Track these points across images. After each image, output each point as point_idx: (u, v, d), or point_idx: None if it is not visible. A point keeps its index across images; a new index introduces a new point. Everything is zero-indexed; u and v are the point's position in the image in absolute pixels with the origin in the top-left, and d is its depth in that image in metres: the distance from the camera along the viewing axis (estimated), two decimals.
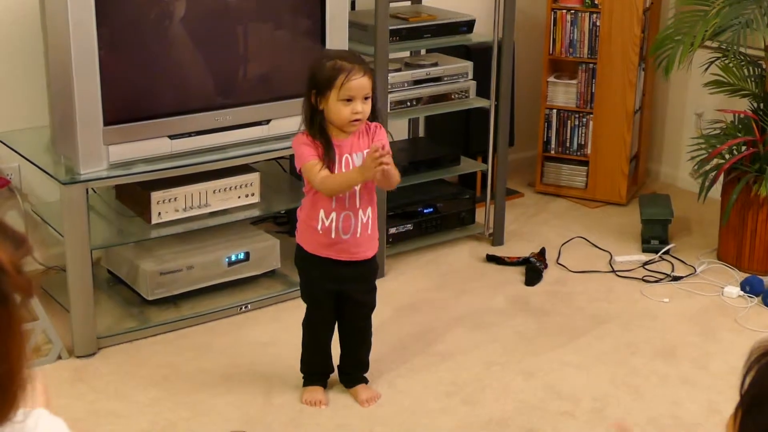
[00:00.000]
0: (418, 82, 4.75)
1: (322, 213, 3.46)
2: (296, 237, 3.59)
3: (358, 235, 3.50)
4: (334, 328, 3.71)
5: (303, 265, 3.61)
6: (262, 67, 4.32)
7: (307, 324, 3.70)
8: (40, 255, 4.56)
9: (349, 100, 3.35)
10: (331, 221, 3.46)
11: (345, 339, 3.73)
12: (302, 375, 3.76)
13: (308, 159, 3.39)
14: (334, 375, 3.79)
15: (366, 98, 3.39)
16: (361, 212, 3.49)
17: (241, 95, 4.20)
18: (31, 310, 3.88)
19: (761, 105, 4.83)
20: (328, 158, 3.40)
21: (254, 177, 4.30)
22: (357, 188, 3.45)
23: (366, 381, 3.77)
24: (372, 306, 3.69)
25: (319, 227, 3.47)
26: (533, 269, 4.72)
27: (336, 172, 3.41)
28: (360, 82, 3.35)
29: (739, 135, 4.81)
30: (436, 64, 4.83)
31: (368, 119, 3.46)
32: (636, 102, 5.53)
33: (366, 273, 3.62)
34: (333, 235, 3.47)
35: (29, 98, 4.37)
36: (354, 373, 3.76)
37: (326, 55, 3.52)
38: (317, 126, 3.41)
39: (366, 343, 3.75)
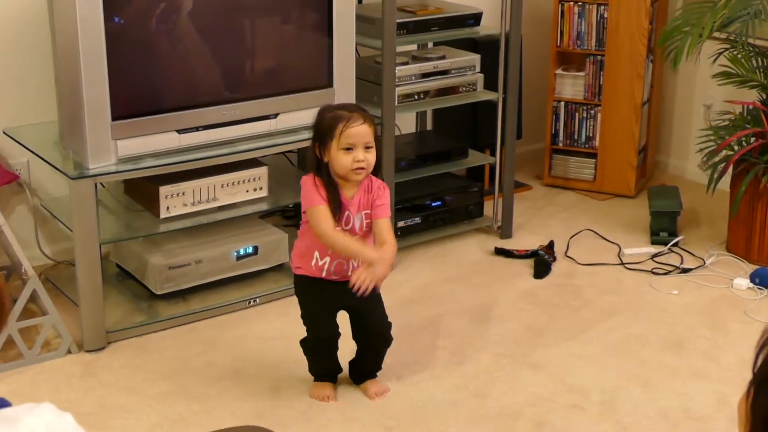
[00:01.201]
0: (425, 76, 4.74)
1: (317, 254, 3.46)
2: (293, 266, 3.57)
3: (349, 274, 3.42)
4: (338, 337, 3.66)
5: (303, 288, 3.59)
6: (269, 61, 4.31)
7: (312, 344, 3.67)
8: (50, 250, 4.57)
9: (349, 149, 3.32)
10: (325, 263, 3.47)
11: (367, 342, 3.70)
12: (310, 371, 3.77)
13: (316, 203, 3.35)
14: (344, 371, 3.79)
15: (368, 147, 3.35)
16: (353, 262, 3.47)
17: (249, 89, 4.20)
18: (41, 305, 3.89)
19: None
20: (335, 204, 3.37)
21: (262, 171, 4.30)
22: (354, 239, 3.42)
23: (375, 375, 3.77)
24: (383, 316, 3.65)
25: (312, 264, 3.48)
26: (542, 262, 4.71)
27: (337, 225, 3.38)
28: (359, 130, 3.32)
29: (748, 126, 4.80)
30: (443, 57, 4.82)
31: (373, 173, 3.44)
32: (644, 94, 5.52)
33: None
34: (324, 274, 3.48)
35: (37, 93, 4.37)
36: (367, 373, 3.75)
37: (328, 107, 3.46)
38: (325, 178, 3.38)
39: (386, 342, 3.71)
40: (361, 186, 3.43)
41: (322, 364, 3.72)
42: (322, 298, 3.54)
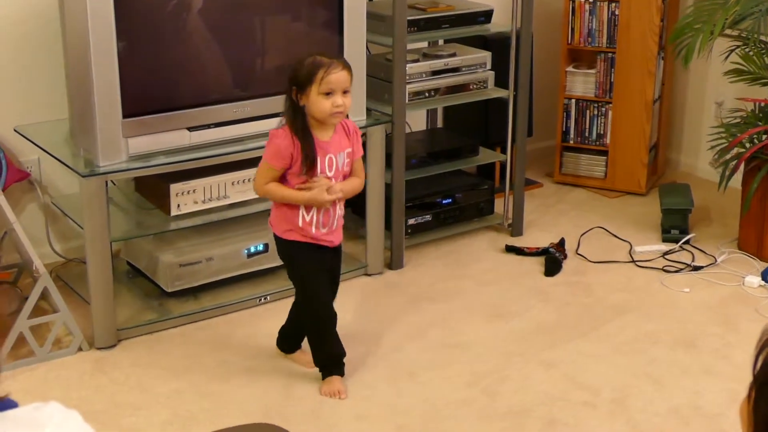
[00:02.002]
0: (436, 73, 4.74)
1: (302, 211, 3.54)
2: (277, 232, 3.63)
3: (334, 227, 3.61)
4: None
5: (295, 254, 3.63)
6: (280, 58, 4.31)
7: (317, 312, 3.69)
8: (61, 247, 4.58)
9: (329, 94, 3.43)
10: (312, 216, 3.55)
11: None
12: (320, 369, 3.76)
13: (273, 162, 3.50)
14: (356, 367, 3.80)
15: (345, 92, 3.47)
16: (338, 206, 3.60)
17: (260, 87, 4.20)
18: (52, 303, 3.89)
19: None
20: (307, 158, 3.47)
21: None
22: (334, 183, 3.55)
23: (301, 346, 3.90)
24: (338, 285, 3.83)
25: (299, 222, 3.56)
26: (553, 260, 4.71)
27: (318, 169, 3.50)
28: (339, 76, 3.44)
29: (760, 124, 4.79)
30: (454, 55, 4.81)
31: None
32: (655, 91, 5.51)
33: (340, 257, 3.78)
34: (314, 230, 3.56)
35: (48, 91, 4.38)
36: (299, 340, 3.88)
37: (306, 55, 3.54)
38: (300, 123, 3.48)
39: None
40: (336, 128, 3.56)
41: (330, 343, 3.73)
42: (318, 258, 3.62)
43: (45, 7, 4.26)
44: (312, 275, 3.64)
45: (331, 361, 3.74)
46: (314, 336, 3.76)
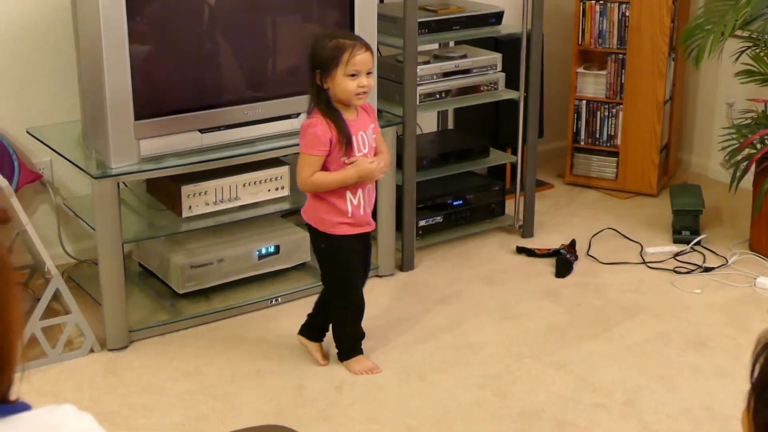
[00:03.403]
0: (447, 75, 4.74)
1: (349, 194, 3.61)
2: (317, 225, 3.68)
3: (371, 206, 3.72)
4: None
5: (335, 248, 3.69)
6: (291, 60, 4.32)
7: (353, 303, 3.80)
8: (73, 249, 4.59)
9: (353, 75, 3.49)
10: (359, 198, 3.64)
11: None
12: (342, 351, 3.85)
13: (313, 152, 3.53)
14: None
15: (369, 73, 3.54)
16: (374, 185, 3.73)
17: (271, 88, 4.20)
18: (64, 304, 3.90)
19: None
20: (344, 137, 3.53)
21: (284, 170, 4.31)
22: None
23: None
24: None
25: (349, 209, 3.62)
26: (564, 261, 4.71)
27: (355, 148, 3.56)
28: (363, 57, 3.50)
29: None
30: (465, 56, 4.82)
31: None
32: (666, 92, 5.51)
33: (370, 241, 3.85)
34: (361, 212, 3.66)
35: (60, 93, 4.39)
36: (325, 331, 3.93)
37: (324, 35, 3.61)
38: (324, 103, 3.54)
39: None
40: (359, 107, 3.63)
41: (358, 330, 3.85)
42: (359, 250, 3.72)
43: (57, 10, 4.27)
44: (353, 268, 3.74)
45: (356, 344, 3.86)
46: (343, 324, 3.85)
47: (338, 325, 3.86)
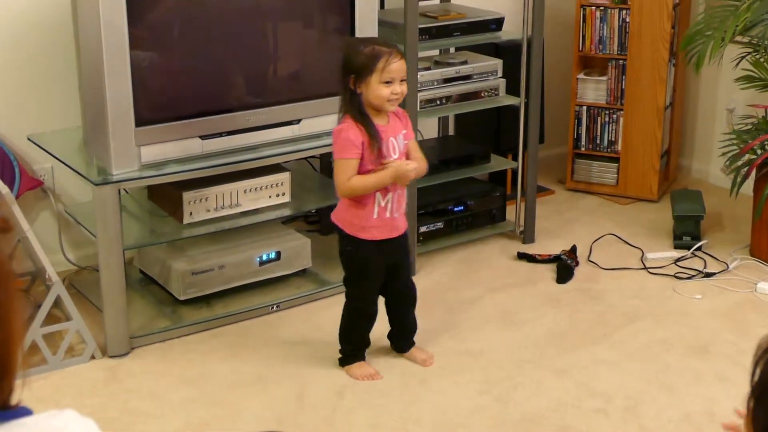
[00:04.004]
0: (447, 81, 4.74)
1: (378, 196, 3.64)
2: (344, 228, 3.72)
3: (402, 210, 3.74)
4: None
5: (358, 251, 3.73)
6: (292, 66, 4.33)
7: (363, 310, 3.83)
8: (74, 255, 4.59)
9: (388, 83, 3.54)
10: (388, 202, 3.66)
11: (398, 306, 3.94)
12: (341, 356, 3.88)
13: (348, 155, 3.56)
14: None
15: (402, 80, 3.58)
16: (404, 190, 3.73)
17: (272, 95, 4.21)
18: (65, 311, 3.90)
19: None
20: (375, 141, 3.56)
21: (285, 176, 4.31)
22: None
23: (414, 343, 3.98)
24: (411, 272, 4.01)
25: (375, 211, 3.65)
26: (564, 267, 4.71)
27: (385, 153, 3.59)
28: (399, 65, 3.55)
29: None
30: (465, 62, 4.82)
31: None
32: (666, 98, 5.51)
33: (407, 241, 3.88)
34: (388, 215, 3.68)
35: (61, 100, 4.40)
36: (409, 336, 3.98)
37: (359, 41, 3.69)
38: (356, 109, 3.58)
39: (415, 301, 3.97)
40: (390, 113, 3.66)
41: (364, 335, 3.89)
42: (378, 260, 3.73)
43: (58, 16, 4.28)
44: (374, 274, 3.77)
45: (360, 350, 3.89)
46: (352, 327, 3.88)
47: (346, 328, 3.88)
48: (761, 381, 1.47)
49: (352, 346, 3.88)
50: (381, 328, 3.94)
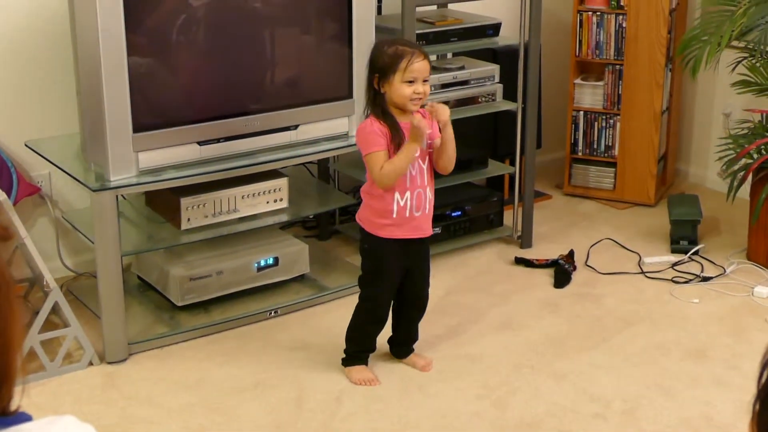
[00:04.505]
0: (445, 86, 4.75)
1: (397, 195, 3.66)
2: (364, 225, 3.75)
3: (426, 211, 3.74)
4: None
5: (375, 249, 3.75)
6: (289, 72, 4.33)
7: (374, 311, 3.84)
8: (71, 262, 4.59)
9: (411, 82, 3.57)
10: (406, 200, 3.67)
11: (406, 311, 3.93)
12: (345, 355, 3.89)
13: (375, 148, 3.60)
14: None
15: (425, 81, 3.61)
16: (428, 189, 3.73)
17: (269, 101, 4.21)
18: (63, 317, 3.90)
19: None
20: (398, 137, 3.60)
21: (283, 182, 4.32)
22: (424, 167, 3.69)
23: (414, 350, 4.00)
24: (428, 280, 3.96)
25: (394, 209, 3.66)
26: (562, 271, 4.71)
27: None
28: (422, 65, 3.59)
29: (767, 135, 4.79)
30: (462, 68, 4.83)
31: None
32: (663, 102, 5.52)
33: (428, 247, 3.92)
34: (407, 214, 3.68)
35: (59, 106, 4.40)
36: (410, 344, 3.99)
37: (385, 42, 3.70)
38: (379, 108, 3.61)
39: (423, 312, 3.98)
40: (414, 112, 3.65)
41: (371, 339, 3.89)
42: (395, 260, 3.75)
43: (56, 23, 4.28)
44: (388, 275, 3.77)
45: (364, 353, 3.90)
46: (360, 328, 3.88)
47: (354, 328, 3.88)
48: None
49: (357, 348, 3.88)
50: (383, 332, 3.94)
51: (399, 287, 3.83)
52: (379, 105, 3.62)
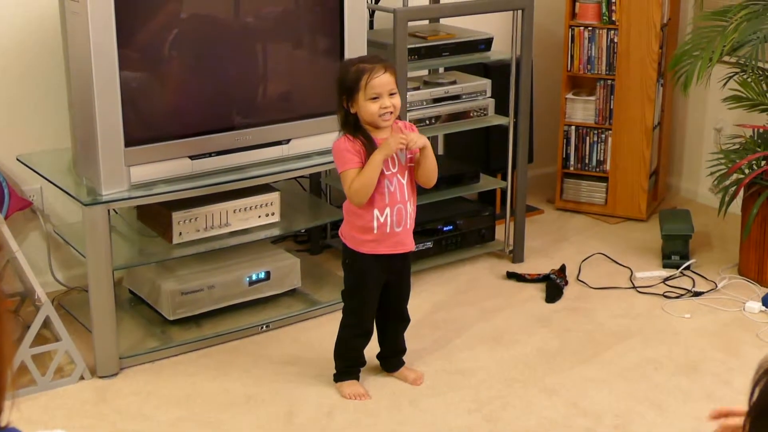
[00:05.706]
0: (437, 100, 4.76)
1: (376, 212, 3.65)
2: (346, 241, 3.75)
3: (408, 226, 3.73)
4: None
5: (357, 265, 3.76)
6: (281, 86, 4.33)
7: (357, 317, 3.84)
8: (63, 276, 4.59)
9: (375, 98, 3.55)
10: (386, 216, 3.67)
11: (389, 325, 3.95)
12: (336, 372, 3.89)
13: (348, 166, 3.59)
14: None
15: (392, 94, 3.59)
16: (409, 204, 3.72)
17: (261, 115, 4.21)
18: (54, 331, 3.90)
19: None
20: (369, 154, 3.59)
21: (274, 196, 4.32)
22: (404, 182, 3.68)
23: (404, 363, 4.00)
24: (409, 292, 3.98)
25: (374, 226, 3.66)
26: (554, 286, 4.71)
27: (386, 169, 3.63)
28: (382, 79, 3.56)
29: (759, 150, 4.81)
30: (454, 82, 4.84)
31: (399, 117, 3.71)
32: (655, 117, 5.53)
33: (409, 262, 3.93)
34: (388, 230, 3.68)
35: (51, 120, 4.40)
36: (398, 356, 4.00)
37: (350, 62, 3.71)
38: (351, 126, 3.62)
39: (407, 323, 3.99)
40: (393, 128, 3.66)
41: (358, 353, 3.89)
42: (376, 274, 3.75)
43: (47, 37, 4.29)
44: (368, 289, 3.78)
45: (354, 368, 3.90)
46: (347, 343, 3.88)
47: (342, 344, 3.88)
48: (759, 402, 1.47)
49: (346, 363, 3.88)
50: (371, 347, 3.94)
51: (391, 294, 3.85)
52: (351, 124, 3.62)
